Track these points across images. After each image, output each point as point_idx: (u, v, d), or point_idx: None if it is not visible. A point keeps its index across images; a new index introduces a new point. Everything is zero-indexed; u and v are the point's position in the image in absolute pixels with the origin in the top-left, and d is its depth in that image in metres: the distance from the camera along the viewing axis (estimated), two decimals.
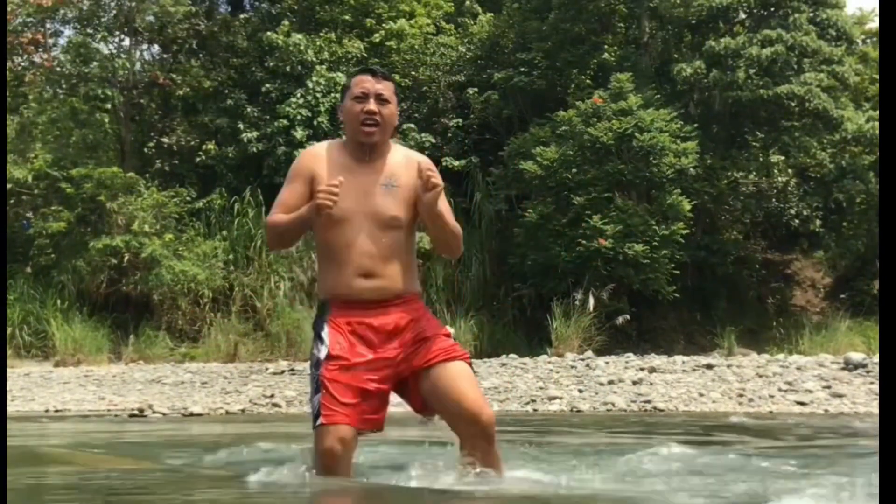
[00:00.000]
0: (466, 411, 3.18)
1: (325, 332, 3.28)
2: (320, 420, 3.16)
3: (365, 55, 16.66)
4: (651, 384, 9.28)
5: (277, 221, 3.42)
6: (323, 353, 3.25)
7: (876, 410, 7.60)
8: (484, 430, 3.18)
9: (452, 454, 3.56)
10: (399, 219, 3.32)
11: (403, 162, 3.39)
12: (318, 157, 3.42)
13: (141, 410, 8.32)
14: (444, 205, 3.36)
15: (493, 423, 3.22)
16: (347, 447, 3.13)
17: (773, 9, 15.08)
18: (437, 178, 3.24)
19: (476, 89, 16.17)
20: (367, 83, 3.35)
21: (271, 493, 3.25)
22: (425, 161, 3.39)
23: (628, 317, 13.33)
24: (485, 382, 9.60)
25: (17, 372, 11.68)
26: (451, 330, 3.42)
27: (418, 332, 3.29)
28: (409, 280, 3.36)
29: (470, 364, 3.31)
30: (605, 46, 16.11)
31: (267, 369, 11.31)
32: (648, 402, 8.54)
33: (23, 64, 16.98)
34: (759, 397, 8.63)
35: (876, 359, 9.51)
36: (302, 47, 15.73)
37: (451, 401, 3.21)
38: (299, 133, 15.20)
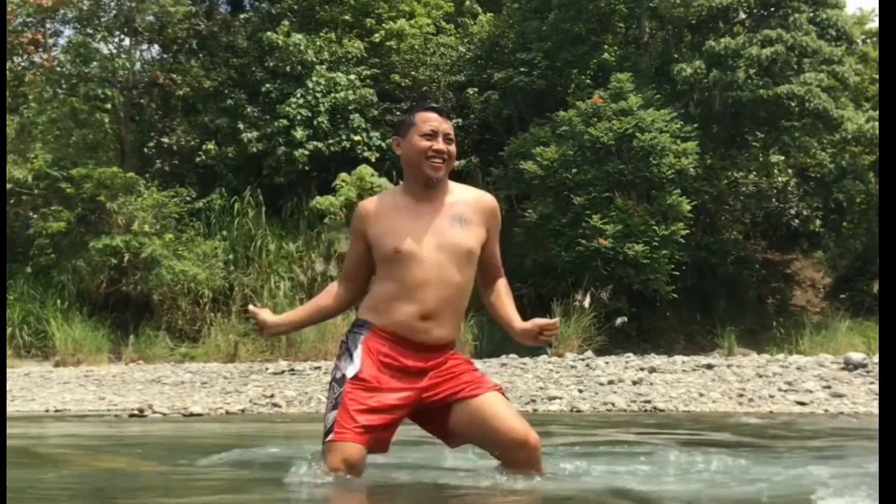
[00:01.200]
0: (512, 439, 3.21)
1: (358, 352, 3.25)
2: (331, 436, 3.14)
3: (365, 55, 16.67)
4: (651, 384, 9.28)
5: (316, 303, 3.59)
6: (350, 372, 3.23)
7: (876, 410, 7.60)
8: (531, 454, 3.22)
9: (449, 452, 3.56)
10: (474, 254, 3.34)
11: (471, 201, 3.41)
12: (369, 208, 3.41)
13: (141, 410, 8.31)
14: (496, 249, 3.50)
15: (540, 447, 3.24)
16: (354, 468, 3.09)
17: (773, 9, 15.08)
18: (553, 332, 3.38)
19: (476, 89, 16.17)
20: (434, 122, 3.36)
21: (272, 493, 3.25)
22: (493, 205, 3.45)
23: (626, 318, 13.32)
24: None
25: (17, 372, 11.68)
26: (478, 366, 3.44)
27: (447, 367, 3.30)
28: (457, 329, 3.40)
29: (502, 393, 3.33)
30: (605, 46, 16.12)
31: (267, 369, 11.30)
32: (648, 402, 8.54)
33: (23, 64, 16.98)
34: (759, 397, 8.62)
35: (876, 359, 9.51)
36: (302, 47, 15.73)
37: (493, 429, 3.22)
38: (299, 133, 15.20)
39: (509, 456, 3.22)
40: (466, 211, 3.36)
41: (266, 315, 3.50)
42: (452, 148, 3.39)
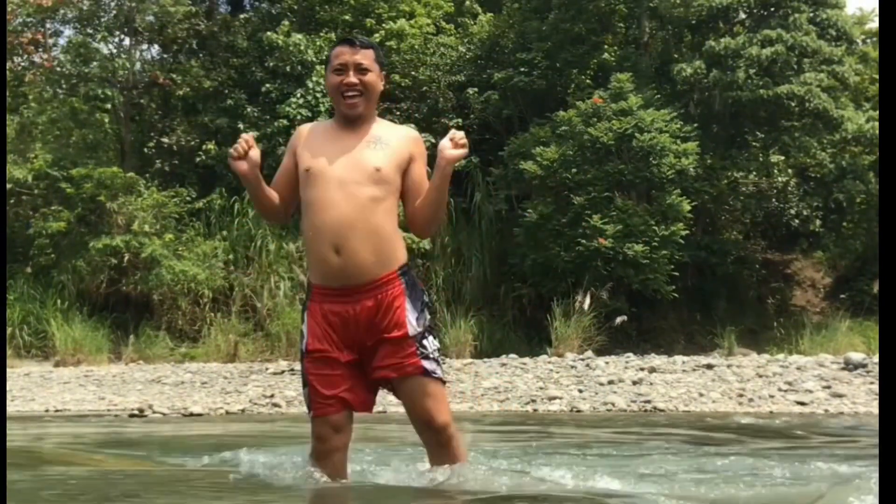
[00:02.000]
0: (418, 422, 3.26)
1: (305, 324, 3.33)
2: (312, 413, 3.28)
3: None
4: (651, 384, 9.28)
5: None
6: (303, 346, 3.32)
7: (876, 410, 7.60)
8: (437, 437, 3.24)
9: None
10: (382, 172, 3.27)
11: (393, 129, 3.42)
12: (302, 130, 3.47)
13: (141, 410, 8.32)
14: (426, 178, 3.37)
15: (447, 429, 3.23)
16: (339, 432, 3.22)
17: (773, 9, 15.07)
18: (465, 140, 3.24)
19: (476, 89, 16.16)
20: (345, 55, 3.34)
21: (272, 493, 3.25)
22: (415, 134, 3.43)
23: (626, 317, 13.32)
24: (484, 382, 9.61)
25: (17, 372, 11.68)
26: (413, 326, 3.25)
27: (380, 327, 3.23)
28: (385, 257, 3.26)
29: (423, 373, 3.23)
30: (605, 46, 16.11)
31: (267, 369, 11.31)
32: (648, 402, 8.54)
33: (23, 64, 16.97)
34: (759, 397, 8.62)
35: (876, 359, 9.51)
36: (302, 47, 15.73)
37: (409, 411, 3.29)
38: None
39: (423, 439, 3.29)
40: (385, 136, 3.34)
41: (255, 154, 3.38)
42: (368, 78, 3.33)
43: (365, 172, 3.24)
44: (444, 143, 3.30)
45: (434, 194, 3.31)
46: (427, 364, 3.25)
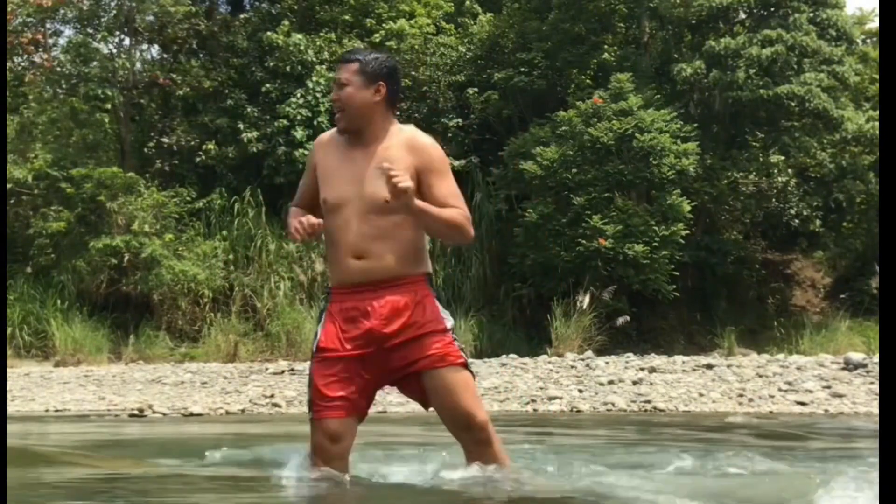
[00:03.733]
0: (456, 419, 3.18)
1: (321, 325, 3.30)
2: (311, 415, 3.23)
3: None
4: (651, 384, 9.28)
5: (289, 215, 3.47)
6: (315, 345, 3.29)
7: (876, 410, 7.60)
8: (475, 435, 3.17)
9: (446, 455, 3.56)
10: (392, 204, 3.23)
11: (403, 144, 3.31)
12: (320, 145, 3.45)
13: (141, 410, 8.31)
14: (443, 189, 3.25)
15: (486, 428, 3.18)
16: (336, 441, 3.16)
17: (773, 9, 15.07)
18: (404, 183, 3.06)
19: (476, 89, 16.16)
20: (336, 73, 3.38)
21: (272, 493, 3.25)
22: (423, 143, 3.30)
23: (628, 318, 13.32)
24: (484, 382, 9.60)
25: (17, 372, 11.68)
26: (449, 322, 3.28)
27: (413, 322, 3.20)
28: (409, 262, 3.26)
29: (464, 365, 3.23)
30: (605, 46, 16.11)
31: (267, 369, 11.30)
32: (648, 402, 8.54)
33: (23, 64, 16.97)
34: (759, 397, 8.62)
35: (876, 359, 9.51)
36: (302, 47, 15.73)
37: (441, 407, 3.21)
38: (299, 133, 15.19)
39: (456, 437, 3.23)
40: (395, 154, 3.26)
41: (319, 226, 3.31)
42: (344, 93, 3.29)
43: (377, 205, 3.23)
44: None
45: (424, 228, 3.30)
46: (465, 356, 3.28)
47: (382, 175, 3.11)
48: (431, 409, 3.31)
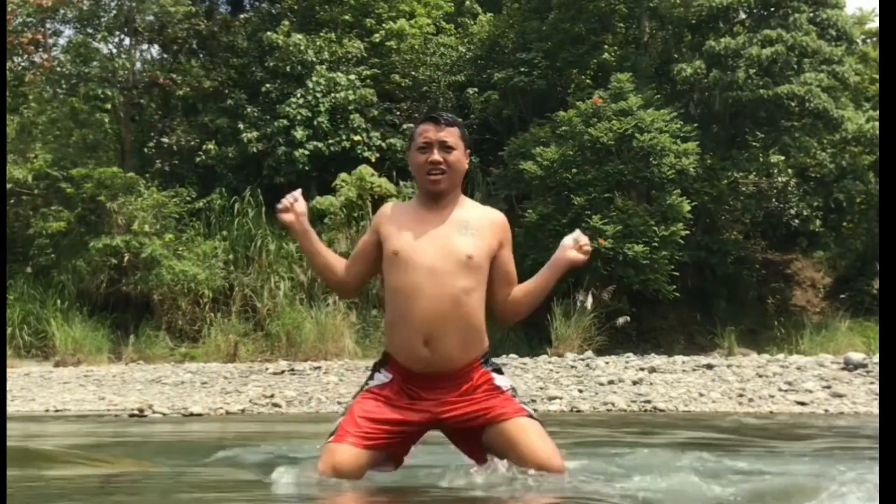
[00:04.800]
0: (534, 465, 3.12)
1: (383, 373, 3.26)
2: (330, 439, 3.16)
3: (365, 55, 16.67)
4: (651, 384, 9.28)
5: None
6: (370, 384, 3.26)
7: (876, 410, 7.60)
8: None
9: (454, 455, 3.55)
10: (475, 261, 3.22)
11: (480, 213, 3.35)
12: (385, 209, 3.40)
13: (141, 410, 8.31)
14: (512, 265, 3.41)
15: (563, 473, 3.15)
16: (342, 473, 3.06)
17: (773, 9, 15.07)
18: (589, 248, 3.28)
19: (476, 89, 16.17)
20: (429, 132, 3.30)
21: (271, 493, 3.25)
22: (503, 218, 3.39)
23: (629, 318, 13.32)
24: None
25: (17, 372, 11.68)
26: (506, 385, 3.26)
27: (475, 394, 3.20)
28: (474, 348, 3.24)
29: (528, 416, 3.22)
30: (605, 46, 16.11)
31: (267, 369, 11.30)
32: (648, 402, 8.54)
33: (23, 64, 16.99)
34: (759, 397, 8.62)
35: (876, 359, 9.51)
36: (302, 47, 15.74)
37: (517, 456, 3.14)
38: (299, 133, 15.20)
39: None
40: (473, 221, 3.28)
41: (301, 207, 3.35)
42: (452, 157, 3.29)
43: (457, 260, 3.19)
44: (568, 243, 3.34)
45: (541, 289, 3.39)
46: (529, 409, 3.25)
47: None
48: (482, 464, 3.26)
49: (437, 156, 3.26)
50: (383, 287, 3.32)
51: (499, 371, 3.33)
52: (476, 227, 3.27)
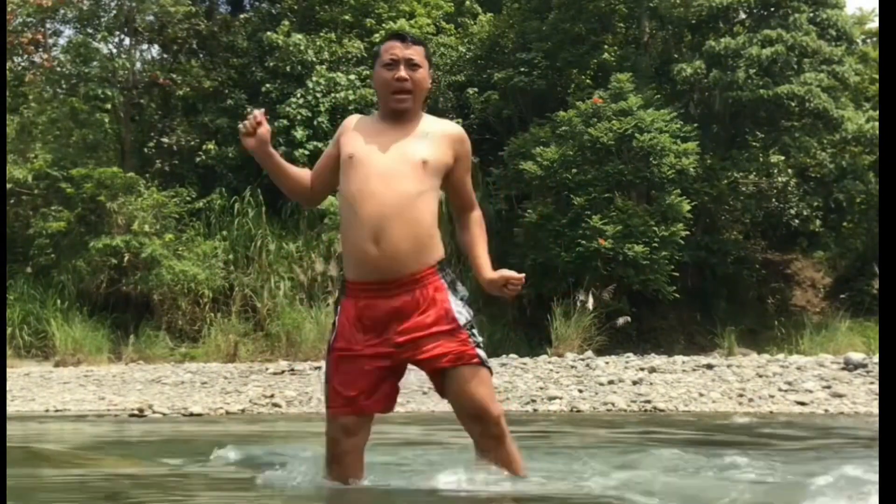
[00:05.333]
0: (468, 412, 3.17)
1: (337, 318, 3.28)
2: (328, 410, 3.24)
3: (365, 55, 16.67)
4: (651, 384, 9.28)
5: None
6: (331, 341, 3.29)
7: (876, 410, 7.60)
8: (488, 429, 3.16)
9: (452, 455, 3.56)
10: (429, 165, 3.24)
11: (441, 126, 3.38)
12: (349, 121, 3.43)
13: (141, 410, 8.31)
14: (469, 184, 3.46)
15: (500, 422, 3.18)
16: (351, 436, 3.16)
17: (773, 9, 15.07)
18: (517, 288, 3.34)
19: (476, 89, 16.16)
20: (396, 49, 3.31)
21: (271, 493, 3.25)
22: (463, 134, 3.41)
23: (629, 319, 13.32)
24: None
25: (17, 372, 11.68)
26: (462, 318, 3.25)
27: (427, 320, 3.19)
28: (426, 250, 3.24)
29: (479, 362, 3.23)
30: (605, 46, 16.11)
31: (267, 369, 11.31)
32: (648, 402, 8.54)
33: (23, 64, 16.98)
34: (759, 397, 8.62)
35: (876, 359, 9.51)
36: (302, 47, 15.73)
37: (455, 402, 3.21)
38: (299, 133, 15.20)
39: (468, 430, 3.21)
40: (433, 132, 3.32)
41: (264, 130, 3.38)
42: (418, 74, 3.30)
43: (410, 164, 3.22)
44: (499, 279, 3.35)
45: (471, 263, 3.47)
46: (481, 353, 3.26)
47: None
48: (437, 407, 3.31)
49: (403, 72, 3.29)
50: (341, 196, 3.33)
51: (455, 286, 3.31)
52: (434, 137, 3.31)
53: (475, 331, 3.28)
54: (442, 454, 3.86)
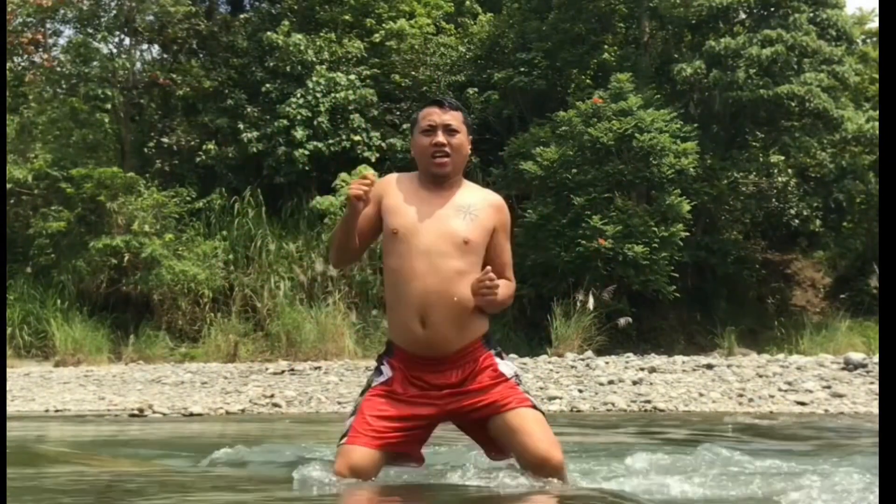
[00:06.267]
0: (534, 456, 3.13)
1: (387, 367, 3.27)
2: (344, 440, 3.17)
3: (365, 55, 16.67)
4: (651, 384, 9.28)
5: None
6: (376, 381, 3.26)
7: (876, 410, 7.60)
8: (552, 474, 3.13)
9: (457, 453, 3.55)
10: (471, 245, 3.25)
11: (481, 197, 3.39)
12: (389, 182, 3.40)
13: (141, 410, 8.31)
14: (506, 255, 3.41)
15: (563, 468, 3.16)
16: (359, 473, 3.07)
17: (773, 9, 15.08)
18: (494, 287, 3.19)
19: (476, 89, 16.16)
20: (434, 115, 3.32)
21: (271, 492, 3.25)
22: (503, 203, 3.43)
23: (630, 319, 13.31)
24: None
25: (17, 372, 11.68)
26: (509, 371, 3.28)
27: (475, 382, 3.22)
28: (472, 328, 3.26)
29: (532, 406, 3.23)
30: (605, 46, 16.11)
31: (267, 369, 11.31)
32: (648, 402, 8.54)
33: (23, 64, 16.99)
34: (759, 397, 8.62)
35: (876, 359, 9.51)
36: (302, 47, 15.74)
37: (516, 445, 3.17)
38: (299, 133, 15.20)
39: (532, 473, 3.16)
40: (473, 205, 3.33)
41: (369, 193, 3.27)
42: (456, 140, 3.31)
43: (453, 243, 3.22)
44: (473, 285, 3.24)
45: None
46: (533, 400, 3.26)
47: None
48: (497, 458, 3.30)
49: (441, 138, 3.29)
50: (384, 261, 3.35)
51: (501, 356, 3.35)
52: (475, 210, 3.31)
53: (525, 387, 3.31)
54: (452, 453, 3.86)
